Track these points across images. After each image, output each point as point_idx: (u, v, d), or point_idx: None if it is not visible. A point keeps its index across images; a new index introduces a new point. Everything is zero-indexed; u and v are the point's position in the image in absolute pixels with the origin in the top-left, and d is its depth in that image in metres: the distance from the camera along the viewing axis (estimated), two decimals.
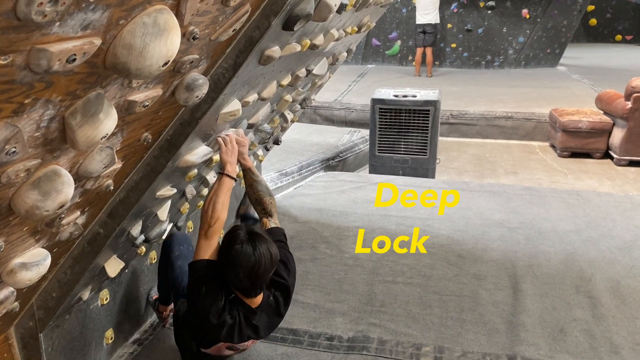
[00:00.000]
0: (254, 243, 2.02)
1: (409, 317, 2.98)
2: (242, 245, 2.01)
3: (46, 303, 2.07)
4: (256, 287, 2.09)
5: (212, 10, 1.33)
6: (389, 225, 4.22)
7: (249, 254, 2.00)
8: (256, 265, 2.00)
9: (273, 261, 2.05)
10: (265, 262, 2.01)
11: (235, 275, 2.03)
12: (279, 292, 2.24)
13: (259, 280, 2.05)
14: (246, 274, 2.01)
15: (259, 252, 2.00)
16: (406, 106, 5.56)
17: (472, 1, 12.01)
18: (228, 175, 2.24)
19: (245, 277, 2.02)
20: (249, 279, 2.03)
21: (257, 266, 2.00)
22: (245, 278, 2.03)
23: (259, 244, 2.02)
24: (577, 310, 3.03)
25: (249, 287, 2.08)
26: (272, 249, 2.06)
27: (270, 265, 2.04)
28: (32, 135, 1.09)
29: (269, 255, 2.02)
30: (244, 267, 2.00)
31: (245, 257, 2.00)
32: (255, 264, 1.99)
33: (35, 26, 0.83)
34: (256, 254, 2.00)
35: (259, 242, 2.03)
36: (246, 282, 2.05)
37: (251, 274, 2.01)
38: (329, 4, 1.94)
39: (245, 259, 2.00)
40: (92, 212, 1.87)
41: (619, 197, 4.81)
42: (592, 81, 10.34)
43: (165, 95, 1.54)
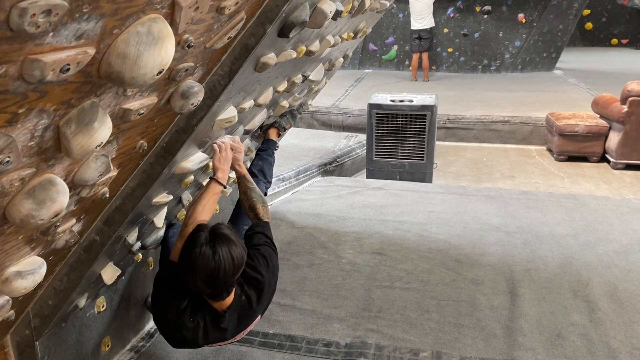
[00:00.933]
0: (214, 246, 1.87)
1: (406, 322, 2.98)
2: (201, 248, 1.87)
3: (42, 311, 2.06)
4: (220, 291, 1.96)
5: (206, 18, 1.34)
6: (387, 230, 4.22)
7: (208, 259, 1.85)
8: (215, 271, 1.86)
9: (235, 265, 1.90)
10: (225, 266, 1.86)
11: (193, 281, 1.90)
12: (252, 288, 2.11)
13: (219, 286, 1.92)
14: (204, 280, 1.88)
15: (219, 256, 1.86)
16: (403, 111, 5.58)
17: (469, 6, 12.06)
18: (217, 180, 2.23)
19: (203, 283, 1.89)
20: (208, 285, 1.90)
21: (216, 271, 1.86)
22: (204, 284, 1.90)
23: (219, 247, 1.87)
24: (574, 315, 3.03)
25: (210, 293, 1.96)
26: (235, 251, 1.90)
27: (232, 270, 1.89)
28: (26, 145, 1.09)
29: (229, 259, 1.87)
30: (201, 272, 1.87)
31: (203, 261, 1.85)
32: (214, 269, 1.85)
33: (28, 37, 0.83)
34: (215, 259, 1.85)
35: (219, 244, 1.88)
36: (205, 289, 1.92)
37: (210, 279, 1.88)
38: (324, 11, 1.95)
39: (203, 263, 1.86)
40: (88, 220, 1.87)
41: (615, 201, 4.82)
42: (588, 85, 10.38)
43: (161, 103, 1.55)
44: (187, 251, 1.92)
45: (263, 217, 2.42)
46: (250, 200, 2.44)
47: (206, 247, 1.88)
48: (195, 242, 1.91)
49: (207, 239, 1.91)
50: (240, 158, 2.40)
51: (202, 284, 1.90)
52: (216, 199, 2.24)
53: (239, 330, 2.15)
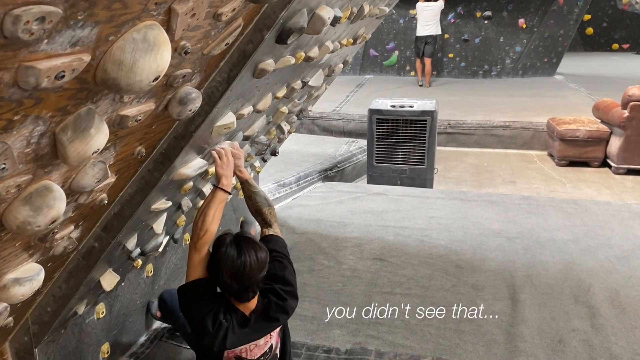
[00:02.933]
0: (239, 245, 2.02)
1: (407, 328, 2.97)
2: (227, 247, 2.02)
3: (41, 317, 2.06)
4: (246, 289, 2.06)
5: (203, 25, 1.34)
6: (387, 235, 4.21)
7: (233, 256, 2.00)
8: (241, 267, 1.99)
9: (260, 263, 2.03)
10: (251, 263, 2.00)
11: (221, 277, 2.02)
12: (274, 296, 2.22)
13: (245, 282, 2.02)
14: (231, 275, 2.00)
15: (245, 253, 2.00)
16: (403, 116, 5.57)
17: (469, 11, 12.09)
18: (222, 189, 2.23)
19: (231, 278, 2.01)
20: (235, 280, 2.01)
21: (242, 267, 1.99)
22: (231, 280, 2.01)
23: (244, 246, 2.03)
24: (575, 321, 3.01)
25: (237, 290, 2.06)
26: (259, 252, 2.05)
27: (257, 267, 2.02)
28: (22, 152, 1.09)
29: (255, 257, 2.01)
30: (228, 268, 2.00)
31: (230, 258, 2.00)
32: (240, 265, 1.99)
33: (22, 44, 0.83)
34: (241, 256, 1.99)
35: (245, 244, 2.03)
36: (234, 285, 2.03)
37: (236, 275, 2.00)
38: (323, 17, 1.95)
39: (229, 260, 2.00)
40: (87, 226, 1.87)
41: (617, 206, 4.80)
42: (589, 90, 10.37)
43: (159, 110, 1.55)
44: (215, 251, 2.06)
45: (270, 220, 2.48)
46: (256, 204, 2.45)
47: (231, 247, 2.02)
48: (222, 242, 2.05)
49: (232, 240, 2.05)
50: (240, 164, 2.41)
51: (231, 279, 2.01)
52: (222, 207, 2.25)
53: (262, 335, 2.21)
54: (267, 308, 2.19)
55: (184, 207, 2.54)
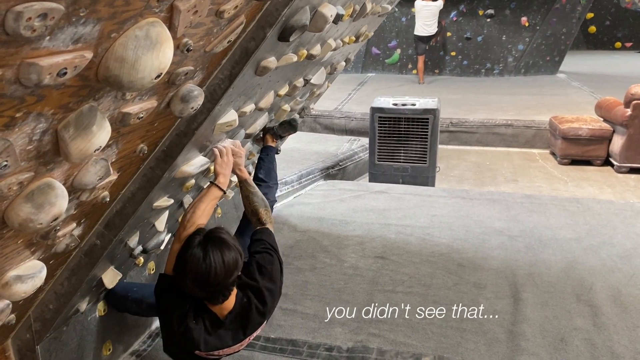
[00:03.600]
0: (206, 248, 1.88)
1: (408, 326, 2.97)
2: (193, 249, 1.88)
3: (43, 315, 2.07)
4: (215, 294, 1.95)
5: (206, 22, 1.34)
6: (389, 234, 4.21)
7: (198, 259, 1.86)
8: (205, 272, 1.85)
9: (227, 267, 1.88)
10: (216, 267, 1.85)
11: (184, 282, 1.90)
12: (253, 293, 2.11)
13: (210, 288, 1.90)
14: (194, 282, 1.88)
15: (210, 259, 1.85)
16: (405, 114, 5.57)
17: (472, 9, 12.06)
18: (218, 186, 2.22)
19: (194, 285, 1.89)
20: (199, 287, 1.89)
21: (205, 273, 1.85)
22: (195, 287, 1.89)
23: (211, 248, 1.87)
24: (577, 319, 3.01)
25: (204, 296, 1.95)
26: (227, 255, 1.89)
27: (223, 272, 1.87)
28: (24, 149, 1.09)
29: (221, 261, 1.86)
30: (191, 273, 1.87)
31: (194, 262, 1.86)
32: (205, 270, 1.85)
33: (24, 40, 0.83)
34: (206, 260, 1.85)
35: (212, 246, 1.88)
36: (198, 292, 1.92)
37: (200, 282, 1.87)
38: (325, 15, 1.94)
39: (193, 264, 1.86)
40: (89, 224, 1.87)
41: (619, 205, 4.79)
42: (591, 88, 10.35)
43: (161, 107, 1.55)
44: (181, 253, 1.93)
45: (265, 221, 2.40)
46: (253, 204, 2.43)
47: (197, 249, 1.88)
48: (189, 244, 1.91)
49: (201, 241, 1.91)
50: (241, 163, 2.40)
51: (193, 286, 1.89)
52: (215, 203, 2.22)
53: (243, 336, 2.12)
54: (247, 311, 2.08)
55: (185, 204, 2.54)
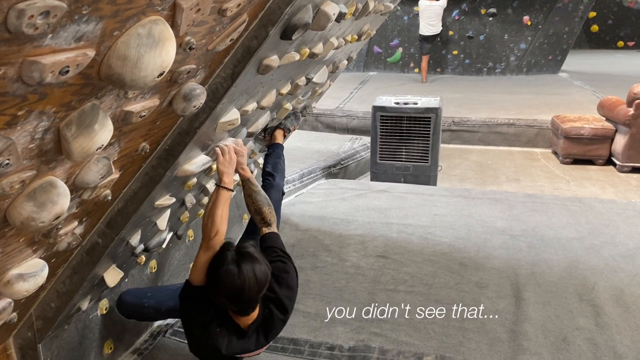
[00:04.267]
0: (240, 265, 1.97)
1: (410, 326, 2.96)
2: (228, 266, 1.97)
3: (45, 313, 2.06)
4: (245, 308, 2.05)
5: (208, 20, 1.33)
6: (391, 233, 4.20)
7: (233, 276, 1.95)
8: (240, 289, 1.95)
9: (259, 283, 1.99)
10: (250, 285, 1.96)
11: (218, 297, 2.00)
12: (272, 303, 2.19)
13: (244, 303, 2.01)
14: (229, 298, 1.98)
15: (244, 275, 1.95)
16: (407, 113, 5.56)
17: (474, 8, 12.04)
18: (225, 187, 2.22)
19: (228, 300, 1.99)
20: (232, 302, 2.00)
21: (240, 290, 1.95)
22: (229, 301, 2.00)
23: (244, 265, 1.97)
24: (580, 319, 3.00)
25: (236, 310, 2.05)
26: (259, 271, 1.99)
27: (255, 288, 1.98)
28: (26, 147, 1.09)
29: (253, 278, 1.96)
30: (227, 290, 1.96)
31: (229, 280, 1.95)
32: (239, 287, 1.95)
33: (26, 38, 0.83)
34: (240, 277, 1.95)
35: (244, 263, 1.98)
36: (230, 306, 2.02)
37: (235, 297, 1.98)
38: (328, 13, 1.94)
39: (228, 282, 1.95)
40: (91, 222, 1.87)
41: (621, 204, 4.78)
42: (594, 87, 10.33)
43: (163, 105, 1.54)
44: (214, 269, 2.02)
45: (270, 220, 2.44)
46: (256, 203, 2.43)
47: (232, 265, 1.98)
48: (222, 261, 2.01)
49: (234, 258, 2.00)
50: (243, 162, 2.40)
51: (227, 301, 2.00)
52: (228, 206, 2.25)
53: (265, 342, 2.21)
54: (269, 320, 2.16)
55: (187, 203, 2.54)
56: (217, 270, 2.00)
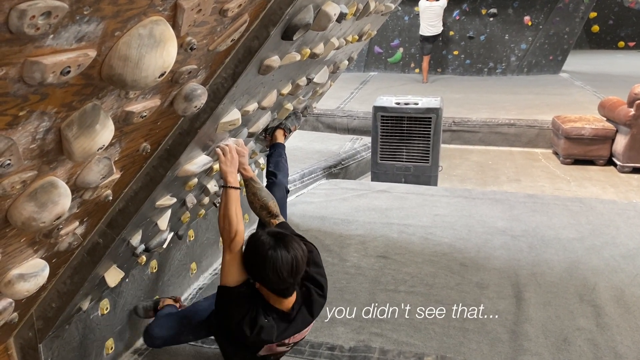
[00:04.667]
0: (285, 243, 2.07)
1: (410, 326, 2.96)
2: (274, 248, 2.05)
3: (45, 313, 2.06)
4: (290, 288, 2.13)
5: (209, 21, 1.33)
6: (391, 233, 4.20)
7: (285, 255, 2.04)
8: (294, 263, 2.04)
9: (305, 254, 2.11)
10: (302, 256, 2.08)
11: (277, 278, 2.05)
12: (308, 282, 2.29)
13: (290, 282, 2.09)
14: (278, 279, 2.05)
15: (293, 249, 2.06)
16: (408, 114, 5.56)
17: (474, 8, 12.03)
18: (232, 187, 2.23)
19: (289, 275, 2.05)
20: (281, 283, 2.07)
21: (295, 263, 2.05)
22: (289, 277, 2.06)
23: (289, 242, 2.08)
24: (580, 320, 3.00)
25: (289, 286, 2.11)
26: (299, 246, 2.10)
27: (303, 262, 2.10)
28: (27, 147, 1.09)
29: (301, 250, 2.09)
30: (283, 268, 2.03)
31: (283, 258, 2.03)
32: (293, 261, 2.04)
33: (28, 39, 0.83)
34: (291, 252, 2.05)
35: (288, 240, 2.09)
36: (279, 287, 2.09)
37: (292, 272, 2.06)
38: (329, 14, 1.94)
39: (283, 260, 2.03)
40: (91, 222, 1.87)
41: (622, 205, 4.78)
42: (594, 88, 10.32)
43: (164, 106, 1.54)
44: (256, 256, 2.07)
45: (277, 212, 2.51)
46: (262, 200, 2.48)
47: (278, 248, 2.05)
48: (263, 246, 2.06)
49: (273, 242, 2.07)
50: (245, 162, 2.41)
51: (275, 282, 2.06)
52: (240, 203, 2.28)
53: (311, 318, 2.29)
54: (309, 297, 2.26)
55: (188, 203, 2.54)
56: (261, 255, 2.05)
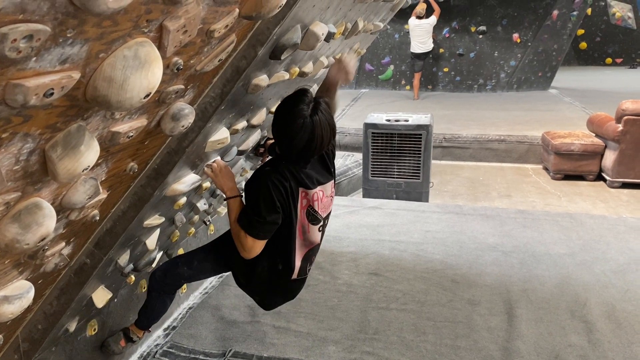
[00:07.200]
0: (317, 113, 2.04)
1: (402, 344, 2.94)
2: (318, 114, 2.04)
3: (31, 335, 2.03)
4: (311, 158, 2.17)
5: (196, 41, 1.34)
6: (383, 250, 4.19)
7: (323, 123, 2.04)
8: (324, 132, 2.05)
9: (332, 131, 2.11)
10: (330, 130, 2.10)
11: (311, 141, 2.04)
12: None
13: (315, 150, 2.10)
14: (319, 143, 2.05)
15: (319, 123, 2.04)
16: (399, 130, 5.59)
17: (464, 26, 12.19)
18: (232, 197, 2.21)
19: (319, 144, 2.06)
20: (321, 146, 2.08)
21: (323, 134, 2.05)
22: (319, 145, 2.06)
23: (321, 113, 2.05)
24: (572, 336, 2.99)
25: (306, 157, 2.14)
26: (332, 121, 2.11)
27: (328, 134, 2.09)
28: (10, 169, 1.08)
29: (327, 125, 2.08)
30: (326, 130, 2.05)
31: (323, 121, 2.04)
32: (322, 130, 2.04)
33: (9, 62, 0.83)
34: (319, 124, 2.03)
35: (321, 111, 2.05)
36: (318, 149, 2.09)
37: (322, 142, 2.07)
38: (316, 33, 1.95)
39: (324, 123, 2.05)
40: (78, 243, 1.85)
41: (612, 220, 4.80)
42: (583, 104, 10.44)
43: (151, 126, 1.54)
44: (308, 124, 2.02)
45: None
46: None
47: (314, 114, 2.03)
48: (300, 113, 2.02)
49: (311, 110, 2.04)
50: (351, 72, 2.45)
51: (319, 145, 2.07)
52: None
53: (323, 177, 2.27)
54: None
55: (177, 222, 2.52)
56: (310, 123, 2.02)
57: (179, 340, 3.01)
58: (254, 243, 2.12)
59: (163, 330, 3.11)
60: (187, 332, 3.08)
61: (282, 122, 2.07)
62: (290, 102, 2.07)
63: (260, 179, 2.12)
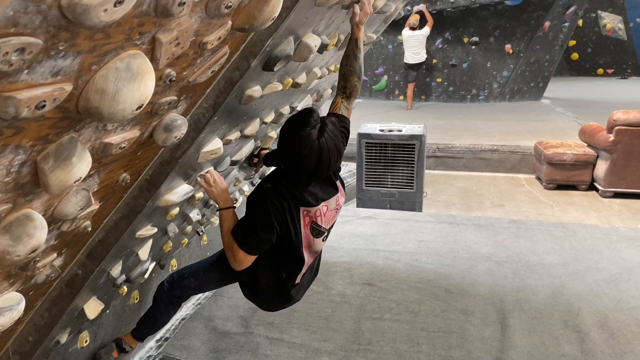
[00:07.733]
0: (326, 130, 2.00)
1: (396, 355, 2.94)
2: (323, 134, 1.98)
3: (22, 347, 2.01)
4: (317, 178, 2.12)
5: (189, 53, 1.34)
6: (377, 260, 4.19)
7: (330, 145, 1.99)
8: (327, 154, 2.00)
9: (339, 151, 2.08)
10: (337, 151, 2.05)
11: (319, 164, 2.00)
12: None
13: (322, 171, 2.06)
14: (326, 165, 2.03)
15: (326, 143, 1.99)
16: (392, 140, 5.61)
17: (457, 37, 12.28)
18: (224, 208, 2.21)
19: (326, 167, 2.03)
20: (328, 168, 2.05)
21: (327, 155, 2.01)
22: (326, 168, 2.04)
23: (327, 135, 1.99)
24: (565, 346, 3.00)
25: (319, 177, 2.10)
26: (339, 142, 2.06)
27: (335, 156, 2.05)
28: (2, 181, 1.08)
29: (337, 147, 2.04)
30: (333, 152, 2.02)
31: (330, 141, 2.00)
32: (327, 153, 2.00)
33: (1, 74, 0.83)
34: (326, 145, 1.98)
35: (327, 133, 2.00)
36: (325, 171, 2.06)
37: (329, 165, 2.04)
38: (309, 45, 1.97)
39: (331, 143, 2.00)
40: (70, 254, 1.84)
41: (604, 229, 4.83)
42: (575, 114, 10.52)
43: (144, 137, 1.54)
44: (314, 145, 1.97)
45: (352, 92, 2.37)
46: (349, 67, 2.33)
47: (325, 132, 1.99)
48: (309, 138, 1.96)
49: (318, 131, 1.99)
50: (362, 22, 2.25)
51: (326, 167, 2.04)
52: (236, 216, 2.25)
53: (328, 193, 2.25)
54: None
55: (170, 233, 2.52)
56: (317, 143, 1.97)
57: (171, 351, 2.99)
58: (245, 257, 2.14)
59: (155, 341, 3.09)
60: (179, 343, 3.06)
61: (289, 146, 2.01)
62: (296, 124, 2.00)
63: (261, 198, 2.11)
